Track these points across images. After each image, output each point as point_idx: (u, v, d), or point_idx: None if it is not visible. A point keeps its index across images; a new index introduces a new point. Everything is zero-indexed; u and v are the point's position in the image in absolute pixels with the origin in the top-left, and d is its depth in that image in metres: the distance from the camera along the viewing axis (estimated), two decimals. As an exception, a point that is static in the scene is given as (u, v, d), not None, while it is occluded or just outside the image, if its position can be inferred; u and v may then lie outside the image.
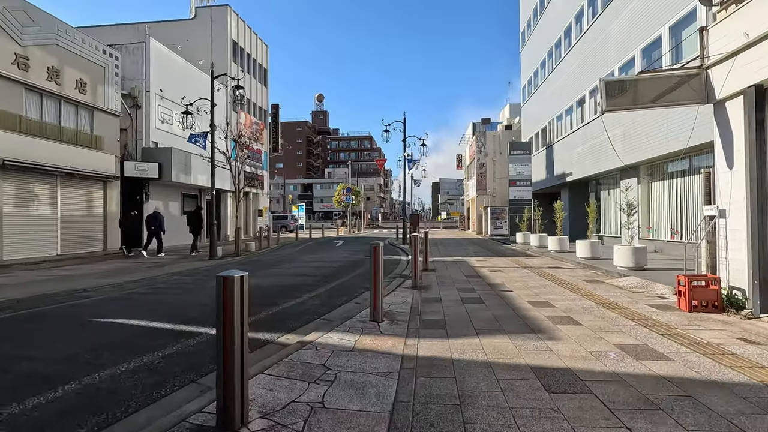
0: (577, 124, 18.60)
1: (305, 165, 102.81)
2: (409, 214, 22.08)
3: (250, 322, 4.73)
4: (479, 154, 32.54)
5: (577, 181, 19.51)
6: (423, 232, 10.92)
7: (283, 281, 8.71)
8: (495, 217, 28.75)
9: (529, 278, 8.71)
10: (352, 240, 24.79)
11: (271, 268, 10.93)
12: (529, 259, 12.66)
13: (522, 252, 15.53)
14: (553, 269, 10.18)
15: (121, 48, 18.15)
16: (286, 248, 18.48)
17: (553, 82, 21.94)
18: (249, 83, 28.71)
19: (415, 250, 7.67)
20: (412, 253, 7.71)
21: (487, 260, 12.64)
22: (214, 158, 13.86)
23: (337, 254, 15.00)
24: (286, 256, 14.34)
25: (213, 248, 13.42)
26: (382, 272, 5.13)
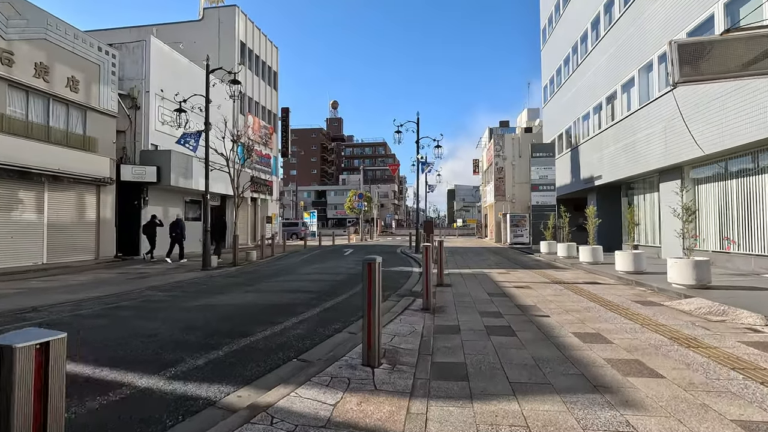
0: (607, 123, 16.98)
1: (319, 172, 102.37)
2: (422, 221, 20.66)
3: (196, 366, 3.36)
4: (497, 158, 30.96)
5: (606, 185, 17.83)
6: (437, 241, 9.53)
7: (271, 299, 7.41)
8: (515, 225, 27.08)
9: (566, 298, 7.21)
10: (362, 248, 23.48)
11: (263, 282, 9.67)
12: (559, 273, 11.11)
13: (548, 263, 13.94)
14: (591, 286, 8.64)
15: (121, 47, 17.38)
16: (290, 257, 17.26)
17: (578, 79, 20.36)
18: (258, 86, 27.90)
19: (427, 263, 6.29)
20: (424, 267, 6.32)
21: (510, 273, 11.14)
22: (208, 159, 12.75)
23: (342, 265, 13.69)
24: (286, 267, 13.09)
25: (205, 258, 12.26)
26: (380, 298, 3.76)
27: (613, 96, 16.34)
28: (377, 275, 3.70)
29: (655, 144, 13.12)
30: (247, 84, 26.19)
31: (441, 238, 15.51)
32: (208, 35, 25.11)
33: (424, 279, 6.31)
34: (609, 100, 16.84)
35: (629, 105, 15.18)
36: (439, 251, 9.11)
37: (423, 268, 6.34)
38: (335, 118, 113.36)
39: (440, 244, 9.16)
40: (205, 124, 12.77)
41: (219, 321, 5.70)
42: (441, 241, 9.49)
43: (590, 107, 18.61)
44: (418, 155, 18.27)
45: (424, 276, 6.31)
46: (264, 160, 28.43)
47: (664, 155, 12.61)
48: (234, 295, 7.71)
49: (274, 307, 6.69)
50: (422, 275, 6.65)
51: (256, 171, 27.21)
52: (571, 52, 21.40)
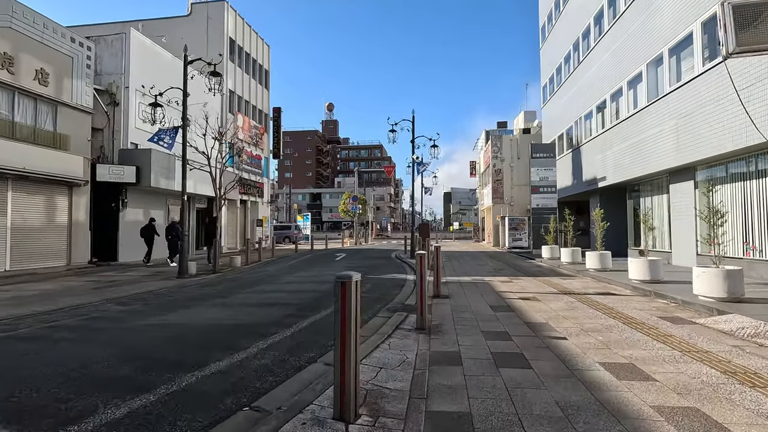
0: (611, 122, 16.17)
1: (314, 174, 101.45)
2: (418, 223, 19.77)
3: (109, 421, 2.35)
4: (495, 159, 30.15)
5: (610, 187, 17.01)
6: (434, 246, 8.62)
7: (241, 315, 6.45)
8: (513, 228, 26.25)
9: (580, 313, 6.31)
10: (355, 253, 22.52)
11: (239, 293, 8.70)
12: (566, 281, 10.22)
13: (552, 270, 13.06)
14: (605, 297, 7.74)
15: (99, 40, 16.41)
16: (278, 263, 16.28)
17: (579, 77, 19.58)
18: (248, 84, 26.97)
19: (421, 275, 5.37)
20: (418, 279, 5.40)
21: (513, 281, 10.23)
22: (185, 157, 11.78)
23: (331, 272, 12.73)
24: (270, 275, 12.11)
25: (182, 264, 11.26)
26: (358, 326, 2.82)
27: (618, 93, 15.54)
28: (353, 298, 2.77)
29: (665, 142, 12.29)
30: (236, 82, 25.27)
31: (437, 243, 14.61)
32: (196, 31, 24.16)
33: (418, 293, 5.39)
34: (614, 97, 16.04)
35: (636, 102, 14.37)
36: (436, 258, 8.20)
37: (417, 279, 5.42)
38: (331, 120, 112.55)
39: (437, 250, 8.25)
40: (182, 120, 11.80)
41: (168, 346, 4.75)
42: (438, 247, 8.59)
43: (593, 105, 17.82)
44: (414, 155, 17.39)
45: (417, 289, 5.39)
46: (254, 161, 27.48)
47: (676, 154, 11.78)
48: (199, 310, 6.75)
49: (241, 326, 5.73)
50: (416, 286, 5.75)
51: (246, 172, 26.26)
52: (572, 49, 20.64)
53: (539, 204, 19.85)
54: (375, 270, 13.09)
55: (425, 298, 5.42)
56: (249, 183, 26.47)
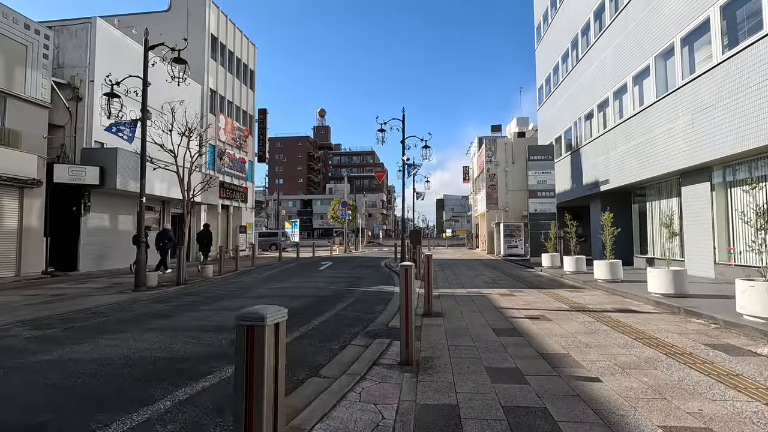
0: (614, 121, 15.15)
1: (306, 181, 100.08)
2: (410, 230, 18.56)
3: None
4: (489, 164, 29.13)
5: (613, 191, 15.95)
6: (425, 255, 7.36)
7: (176, 344, 5.09)
8: (509, 235, 25.17)
9: (605, 338, 5.09)
10: (343, 261, 21.20)
11: (192, 310, 7.36)
12: (574, 294, 9.02)
13: (555, 280, 11.88)
14: (627, 315, 6.54)
15: (62, 30, 15.12)
16: (255, 273, 14.91)
17: (578, 75, 18.63)
18: (231, 84, 25.71)
19: (407, 294, 4.11)
20: (403, 300, 4.14)
21: (514, 294, 9.01)
22: (144, 154, 10.44)
23: (311, 283, 11.43)
24: (240, 287, 10.75)
25: (139, 275, 9.86)
26: (277, 412, 1.55)
27: (622, 90, 14.53)
28: (271, 355, 1.51)
29: (677, 141, 11.24)
30: (218, 81, 24.01)
31: (430, 251, 13.41)
32: (175, 27, 22.85)
33: (403, 316, 4.13)
34: (617, 95, 15.03)
35: (642, 99, 13.36)
36: (427, 268, 6.96)
37: (401, 300, 4.16)
38: (322, 126, 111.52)
39: (428, 260, 7.01)
40: (141, 112, 10.48)
41: (50, 401, 3.43)
42: (429, 256, 7.35)
43: (594, 105, 16.81)
44: (404, 156, 16.21)
45: (402, 312, 4.13)
46: (237, 164, 26.15)
47: (690, 153, 10.71)
48: (129, 337, 5.39)
49: (169, 361, 4.39)
50: (401, 308, 4.50)
51: (229, 176, 24.92)
52: (570, 47, 19.71)
53: (537, 209, 18.75)
54: (360, 281, 11.80)
55: (411, 322, 4.16)
56: (231, 187, 25.13)
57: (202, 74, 22.49)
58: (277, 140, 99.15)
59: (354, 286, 10.68)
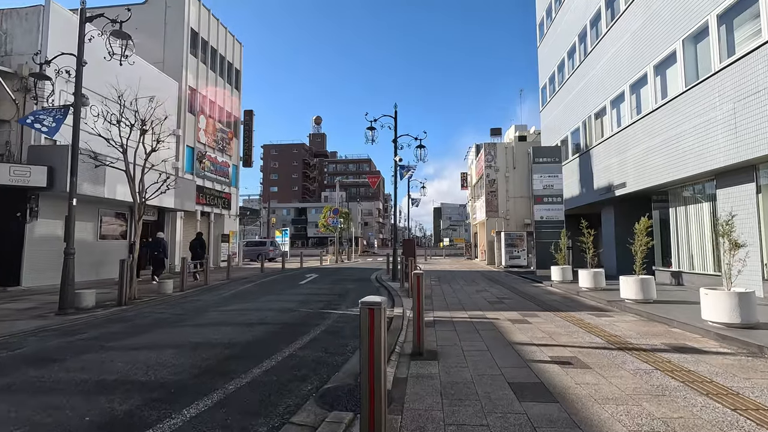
0: (631, 117, 13.51)
1: (301, 189, 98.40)
2: (402, 238, 16.82)
3: None
4: (489, 169, 27.49)
5: (630, 196, 14.28)
6: (414, 273, 5.54)
7: (38, 412, 3.30)
8: (511, 245, 23.43)
9: (690, 409, 3.32)
10: (330, 273, 19.37)
11: (102, 349, 5.52)
12: (602, 320, 7.24)
13: (571, 298, 10.10)
14: (692, 358, 4.78)
15: (11, 14, 13.47)
16: (225, 288, 13.07)
17: (587, 71, 17.06)
18: (214, 83, 24.06)
19: (371, 353, 2.32)
20: (365, 366, 2.36)
21: (528, 320, 7.22)
22: (76, 148, 8.67)
23: (281, 303, 9.60)
24: (193, 309, 8.88)
25: (65, 295, 8.01)
26: None
27: (641, 82, 12.92)
28: None
29: (713, 135, 9.57)
30: (198, 78, 22.34)
31: (426, 261, 11.68)
32: (153, 20, 21.28)
33: (367, 398, 2.33)
34: (634, 88, 13.42)
35: (665, 90, 11.74)
36: (417, 293, 5.18)
37: (364, 378, 2.38)
38: (318, 133, 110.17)
39: (418, 281, 5.22)
40: (74, 96, 8.71)
41: None
42: (419, 276, 5.55)
43: (607, 100, 15.20)
44: (396, 157, 14.49)
45: (365, 390, 2.34)
46: (220, 169, 24.39)
47: (731, 149, 9.03)
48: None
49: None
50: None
51: (210, 180, 23.15)
52: (578, 40, 18.18)
53: (543, 216, 17.02)
54: (341, 300, 9.99)
55: (383, 391, 2.36)
56: (212, 193, 23.33)
57: (180, 70, 20.84)
58: (272, 147, 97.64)
59: (332, 306, 8.87)
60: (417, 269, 10.84)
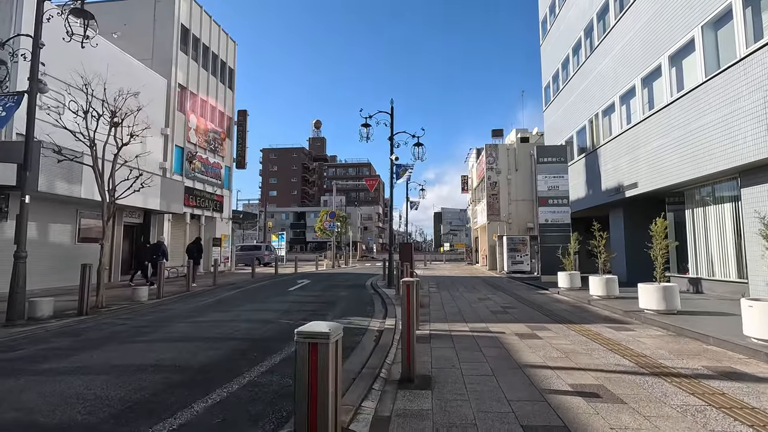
0: (643, 113, 12.64)
1: (300, 193, 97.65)
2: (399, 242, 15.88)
3: None
4: (490, 171, 26.60)
5: (641, 197, 13.38)
6: (404, 282, 4.60)
7: None
8: (513, 249, 22.50)
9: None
10: (324, 279, 18.44)
11: (26, 374, 4.57)
12: (623, 334, 6.31)
13: (582, 308, 9.16)
14: (750, 388, 3.84)
15: (-17, 2, 12.62)
16: (207, 295, 12.15)
17: (593, 66, 16.22)
18: (206, 81, 23.26)
19: (312, 411, 1.40)
20: (301, 420, 1.44)
21: (538, 335, 6.29)
22: (31, 139, 7.81)
23: (260, 314, 8.67)
24: (160, 320, 7.94)
25: (14, 305, 7.09)
26: None
27: (654, 74, 12.06)
28: None
29: (740, 127, 8.68)
30: (189, 76, 21.54)
31: (426, 266, 10.82)
32: (141, 16, 20.53)
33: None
34: (647, 81, 12.56)
35: (681, 82, 10.88)
36: (407, 302, 4.26)
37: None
38: (318, 137, 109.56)
39: (408, 290, 4.30)
40: (29, 81, 7.84)
41: None
42: (410, 284, 4.61)
43: (615, 96, 14.34)
44: (392, 155, 13.60)
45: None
46: (212, 170, 23.53)
47: (763, 143, 8.14)
48: None
49: None
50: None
51: (200, 182, 22.28)
52: (583, 35, 17.36)
53: (549, 219, 16.10)
54: (328, 310, 9.06)
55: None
56: (203, 195, 22.46)
57: (169, 66, 20.04)
58: (271, 151, 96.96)
59: (317, 317, 7.94)
60: (414, 275, 9.92)
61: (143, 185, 10.16)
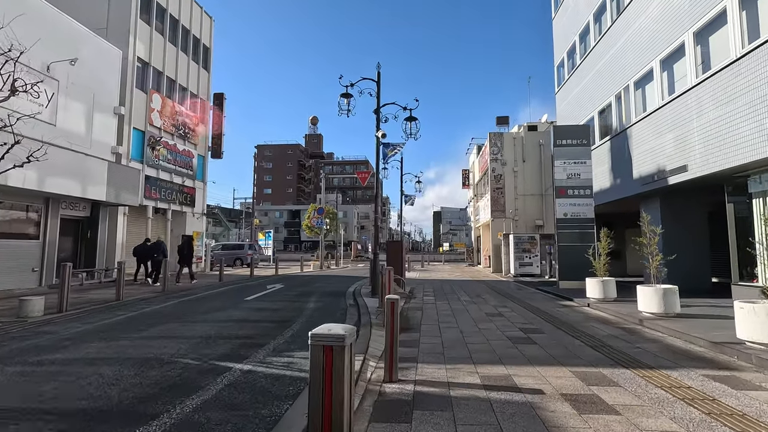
0: (696, 76, 9.94)
1: (296, 191, 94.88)
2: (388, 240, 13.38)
3: None
4: (495, 162, 23.92)
5: (687, 185, 10.73)
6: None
7: None
8: (522, 250, 19.84)
9: None
10: (303, 283, 15.77)
11: None
12: (755, 396, 3.59)
13: (638, 333, 6.48)
14: None
15: None
16: (145, 303, 9.45)
17: (624, 28, 13.53)
18: (174, 58, 20.56)
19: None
20: None
21: (604, 398, 3.61)
22: None
23: (182, 337, 5.99)
24: (25, 349, 5.27)
25: None
26: None
27: (715, 23, 9.38)
28: None
29: None
30: (152, 51, 18.84)
31: (420, 272, 8.38)
32: (96, -20, 17.82)
33: None
34: (700, 36, 9.88)
35: (756, 28, 8.19)
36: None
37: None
38: (314, 134, 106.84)
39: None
40: None
41: None
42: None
43: (654, 61, 11.65)
44: (378, 131, 10.91)
45: None
46: (181, 158, 20.82)
47: None
48: None
49: None
50: None
51: (167, 171, 19.58)
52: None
53: (568, 213, 13.43)
54: (277, 332, 6.37)
55: None
56: (170, 186, 19.76)
57: (126, 37, 17.34)
58: (266, 148, 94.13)
59: (246, 349, 5.25)
60: (400, 287, 7.25)
61: (30, 159, 7.38)
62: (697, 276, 11.66)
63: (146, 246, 15.34)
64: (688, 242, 11.62)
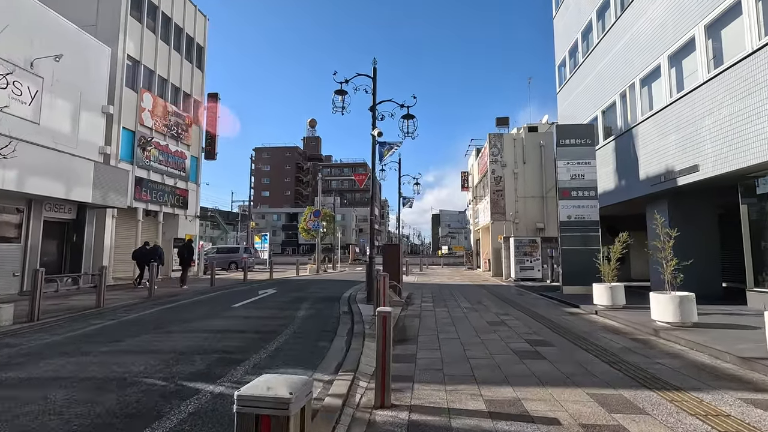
0: (708, 71, 9.46)
1: (294, 194, 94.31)
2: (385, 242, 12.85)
3: None
4: (494, 164, 23.42)
5: (697, 186, 10.25)
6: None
7: None
8: (523, 253, 19.33)
9: None
10: (297, 288, 15.22)
11: None
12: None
13: (655, 346, 5.97)
14: None
15: None
16: (128, 311, 8.90)
17: (630, 22, 13.08)
18: (167, 57, 20.06)
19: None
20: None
21: (629, 429, 3.05)
22: None
23: (155, 352, 5.45)
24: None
25: None
26: None
27: (728, 15, 8.91)
28: None
29: None
30: (143, 48, 18.35)
31: (418, 276, 7.96)
32: (86, -24, 17.34)
33: None
34: (713, 29, 9.42)
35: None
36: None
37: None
38: (313, 137, 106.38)
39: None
40: None
41: None
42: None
43: (661, 57, 11.18)
44: (374, 130, 10.40)
45: None
46: (173, 159, 20.28)
47: None
48: None
49: None
50: None
51: (159, 173, 19.05)
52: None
53: (571, 215, 12.92)
54: (261, 345, 5.83)
55: None
56: (161, 188, 19.22)
57: (115, 34, 16.85)
58: (264, 150, 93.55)
59: (223, 366, 4.71)
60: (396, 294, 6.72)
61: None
62: (708, 281, 11.13)
63: (145, 249, 15.14)
64: (699, 246, 11.09)
